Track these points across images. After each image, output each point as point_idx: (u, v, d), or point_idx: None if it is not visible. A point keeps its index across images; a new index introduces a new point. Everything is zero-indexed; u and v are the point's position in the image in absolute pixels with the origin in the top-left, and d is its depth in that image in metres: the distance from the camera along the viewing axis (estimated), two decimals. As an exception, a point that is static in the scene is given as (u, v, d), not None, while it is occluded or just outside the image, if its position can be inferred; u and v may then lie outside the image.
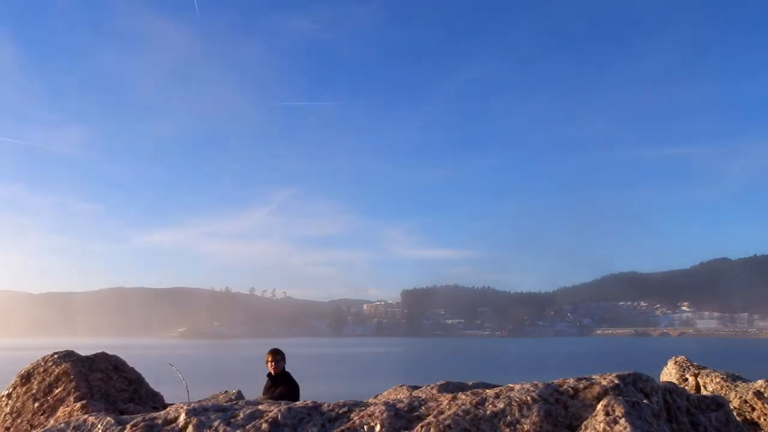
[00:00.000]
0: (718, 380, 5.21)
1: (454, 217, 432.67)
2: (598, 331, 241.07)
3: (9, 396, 5.24)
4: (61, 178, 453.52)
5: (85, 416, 3.43)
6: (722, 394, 4.82)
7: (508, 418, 2.84)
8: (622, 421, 2.66)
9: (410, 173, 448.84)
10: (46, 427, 3.42)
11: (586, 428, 2.72)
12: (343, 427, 2.97)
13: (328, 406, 3.20)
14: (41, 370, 5.36)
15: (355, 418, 3.02)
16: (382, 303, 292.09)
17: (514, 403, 2.91)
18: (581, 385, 3.04)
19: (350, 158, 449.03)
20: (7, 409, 5.13)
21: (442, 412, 2.93)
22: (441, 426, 2.81)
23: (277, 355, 7.67)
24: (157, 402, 5.62)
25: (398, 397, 4.71)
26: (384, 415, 2.99)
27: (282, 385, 7.44)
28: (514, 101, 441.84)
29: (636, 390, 3.04)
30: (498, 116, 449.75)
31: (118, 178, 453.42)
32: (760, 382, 5.02)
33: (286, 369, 7.86)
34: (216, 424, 3.09)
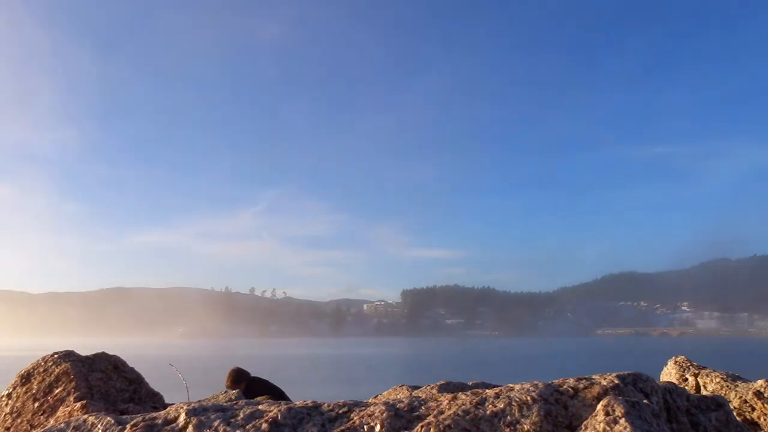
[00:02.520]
0: (718, 380, 5.20)
1: (440, 217, 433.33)
2: (598, 331, 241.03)
3: (9, 396, 5.23)
4: (46, 179, 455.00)
5: (85, 416, 3.43)
6: (722, 394, 4.81)
7: (508, 418, 2.83)
8: (622, 421, 2.65)
9: (393, 173, 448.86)
10: (46, 427, 3.41)
11: (586, 428, 2.71)
12: (343, 427, 2.97)
13: (328, 405, 3.19)
14: (41, 370, 5.35)
15: (355, 418, 3.01)
16: (382, 303, 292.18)
17: (514, 403, 2.90)
18: (581, 385, 3.03)
19: (331, 159, 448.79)
20: (7, 409, 5.12)
21: (442, 412, 2.93)
22: (441, 426, 2.81)
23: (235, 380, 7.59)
24: (157, 402, 5.61)
25: (398, 397, 4.70)
26: (384, 415, 2.98)
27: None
28: (494, 100, 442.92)
29: (636, 390, 3.03)
30: (479, 115, 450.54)
31: (100, 179, 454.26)
32: (760, 382, 5.01)
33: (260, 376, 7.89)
34: (216, 424, 3.08)
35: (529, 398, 2.90)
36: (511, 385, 3.15)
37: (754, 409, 4.82)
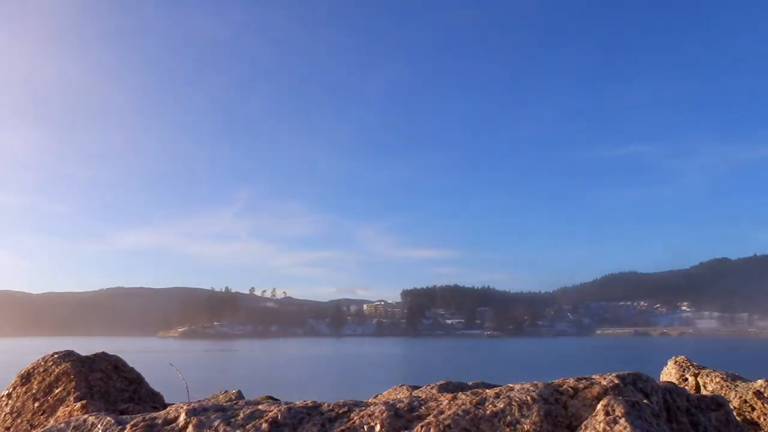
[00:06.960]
0: (718, 380, 5.19)
1: (423, 217, 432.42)
2: (598, 331, 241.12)
3: (9, 396, 5.23)
4: (24, 180, 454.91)
5: (85, 416, 3.42)
6: (722, 394, 4.81)
7: (508, 418, 2.83)
8: (622, 421, 2.65)
9: (367, 172, 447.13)
10: (46, 427, 3.41)
11: (586, 428, 2.71)
12: (343, 427, 2.97)
13: (328, 405, 3.19)
14: (41, 370, 5.35)
15: (355, 418, 3.01)
16: (382, 303, 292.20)
17: (514, 403, 2.90)
18: (581, 385, 3.03)
19: (302, 158, 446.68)
20: (7, 409, 5.12)
21: (442, 412, 2.93)
22: (441, 426, 2.81)
23: None
24: (157, 402, 5.60)
25: (398, 397, 4.70)
26: (384, 415, 2.98)
27: None
28: (449, 99, 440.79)
29: (636, 390, 3.03)
30: (447, 112, 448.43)
31: (76, 180, 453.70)
32: (760, 382, 5.00)
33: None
34: (216, 424, 3.08)
35: (529, 398, 2.90)
36: (511, 385, 3.15)
37: (754, 409, 4.82)
